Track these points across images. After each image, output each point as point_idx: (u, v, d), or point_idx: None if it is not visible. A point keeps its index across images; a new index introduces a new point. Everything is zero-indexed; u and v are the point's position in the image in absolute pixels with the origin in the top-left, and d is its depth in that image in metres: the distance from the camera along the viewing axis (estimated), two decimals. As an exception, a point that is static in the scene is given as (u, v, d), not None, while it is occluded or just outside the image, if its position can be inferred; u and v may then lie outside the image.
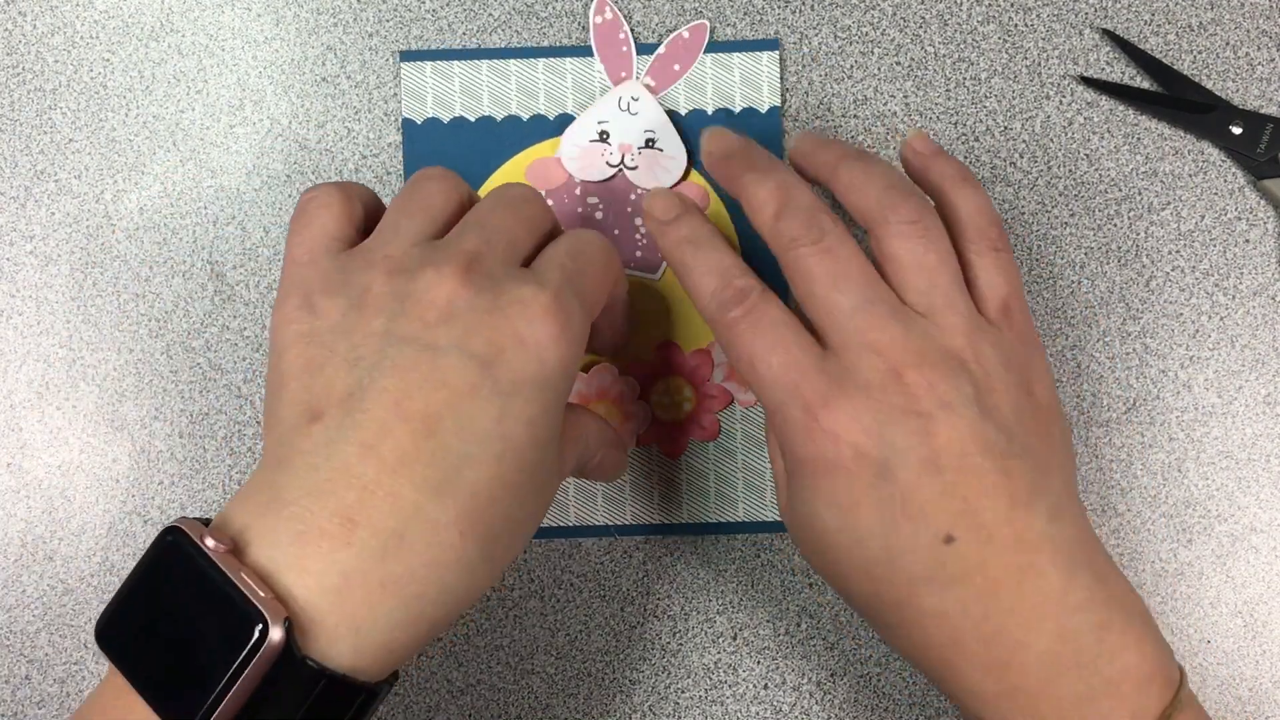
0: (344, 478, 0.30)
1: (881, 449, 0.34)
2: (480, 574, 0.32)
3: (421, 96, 0.46)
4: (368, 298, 0.33)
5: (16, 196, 0.46)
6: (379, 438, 0.31)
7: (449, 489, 0.31)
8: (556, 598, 0.45)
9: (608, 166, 0.45)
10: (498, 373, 0.32)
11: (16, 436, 0.46)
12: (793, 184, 0.37)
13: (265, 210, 0.46)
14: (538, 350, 0.33)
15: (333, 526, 0.30)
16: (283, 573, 0.29)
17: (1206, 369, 0.45)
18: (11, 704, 0.45)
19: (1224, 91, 0.46)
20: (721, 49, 0.46)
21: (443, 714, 0.45)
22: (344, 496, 0.30)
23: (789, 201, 0.37)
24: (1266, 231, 0.46)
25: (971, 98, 0.46)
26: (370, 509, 0.30)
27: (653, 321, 0.45)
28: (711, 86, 0.46)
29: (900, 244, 0.36)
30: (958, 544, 0.33)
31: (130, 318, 0.46)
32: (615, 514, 0.45)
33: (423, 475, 0.31)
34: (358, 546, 0.30)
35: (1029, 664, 0.33)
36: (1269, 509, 0.45)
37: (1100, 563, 0.35)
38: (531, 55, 0.46)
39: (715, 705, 0.45)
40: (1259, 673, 0.45)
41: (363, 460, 0.31)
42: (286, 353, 0.33)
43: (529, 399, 0.32)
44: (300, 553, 0.30)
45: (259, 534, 0.30)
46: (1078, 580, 0.34)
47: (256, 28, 0.47)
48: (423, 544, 0.30)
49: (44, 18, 0.47)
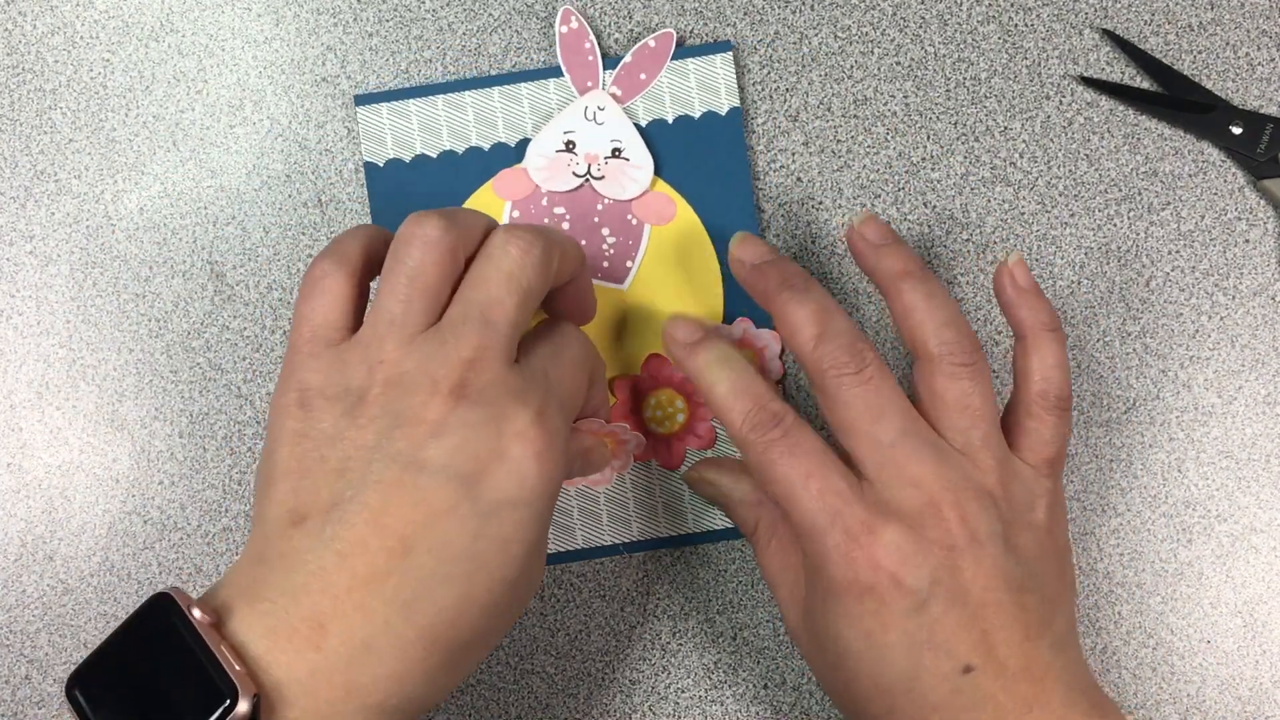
0: (319, 584, 0.32)
1: (918, 580, 0.35)
2: (441, 684, 0.33)
3: (380, 138, 0.46)
4: (362, 408, 0.34)
5: (16, 196, 0.46)
6: (355, 550, 0.32)
7: (418, 607, 0.32)
8: (556, 598, 0.45)
9: (574, 177, 0.45)
10: (479, 492, 0.33)
11: (16, 436, 0.46)
12: (831, 308, 0.38)
13: (265, 210, 0.46)
14: (520, 469, 0.33)
15: (305, 629, 0.31)
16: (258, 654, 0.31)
17: (1206, 369, 0.45)
18: (11, 704, 0.45)
19: (1224, 91, 0.46)
20: (676, 56, 0.45)
21: (443, 714, 0.45)
22: (318, 602, 0.32)
23: (829, 326, 0.38)
24: (1266, 231, 0.46)
25: (971, 98, 0.46)
26: (341, 618, 0.31)
27: (634, 334, 0.45)
28: (669, 95, 0.45)
29: (950, 384, 0.37)
30: (975, 674, 0.35)
31: (130, 318, 0.46)
32: (622, 531, 0.45)
33: (394, 591, 0.32)
34: (327, 652, 0.31)
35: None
36: (1269, 509, 0.45)
37: (1094, 690, 0.37)
38: (486, 85, 0.46)
39: (715, 705, 0.45)
40: (1259, 673, 0.45)
41: (338, 570, 0.32)
42: (279, 449, 0.34)
43: (506, 519, 0.33)
44: (272, 645, 0.31)
45: (239, 618, 0.32)
46: (1076, 708, 0.36)
47: (256, 28, 0.47)
48: (389, 657, 0.32)
49: (44, 18, 0.47)
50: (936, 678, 0.35)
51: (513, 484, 0.33)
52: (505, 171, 0.45)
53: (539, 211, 0.45)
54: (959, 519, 0.36)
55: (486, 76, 0.46)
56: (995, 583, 0.35)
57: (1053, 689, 0.35)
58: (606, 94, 0.45)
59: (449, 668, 0.33)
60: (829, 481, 0.36)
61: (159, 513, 0.46)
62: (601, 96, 0.45)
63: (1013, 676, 0.35)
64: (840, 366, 0.37)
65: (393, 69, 0.47)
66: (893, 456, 0.36)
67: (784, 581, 0.40)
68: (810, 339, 0.38)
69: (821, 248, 0.46)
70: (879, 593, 0.35)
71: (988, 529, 0.36)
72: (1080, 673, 0.37)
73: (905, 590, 0.35)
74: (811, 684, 0.45)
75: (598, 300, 0.42)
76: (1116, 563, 0.45)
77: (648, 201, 0.45)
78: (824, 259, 0.46)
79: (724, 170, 0.45)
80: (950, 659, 0.35)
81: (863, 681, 0.36)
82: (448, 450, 0.33)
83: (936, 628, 0.35)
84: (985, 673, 0.35)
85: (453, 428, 0.33)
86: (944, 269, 0.46)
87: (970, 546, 0.35)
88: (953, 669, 0.35)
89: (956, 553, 0.35)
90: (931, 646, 0.35)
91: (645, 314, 0.45)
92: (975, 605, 0.35)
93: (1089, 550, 0.45)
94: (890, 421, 0.37)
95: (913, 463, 0.36)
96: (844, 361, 0.37)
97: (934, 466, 0.36)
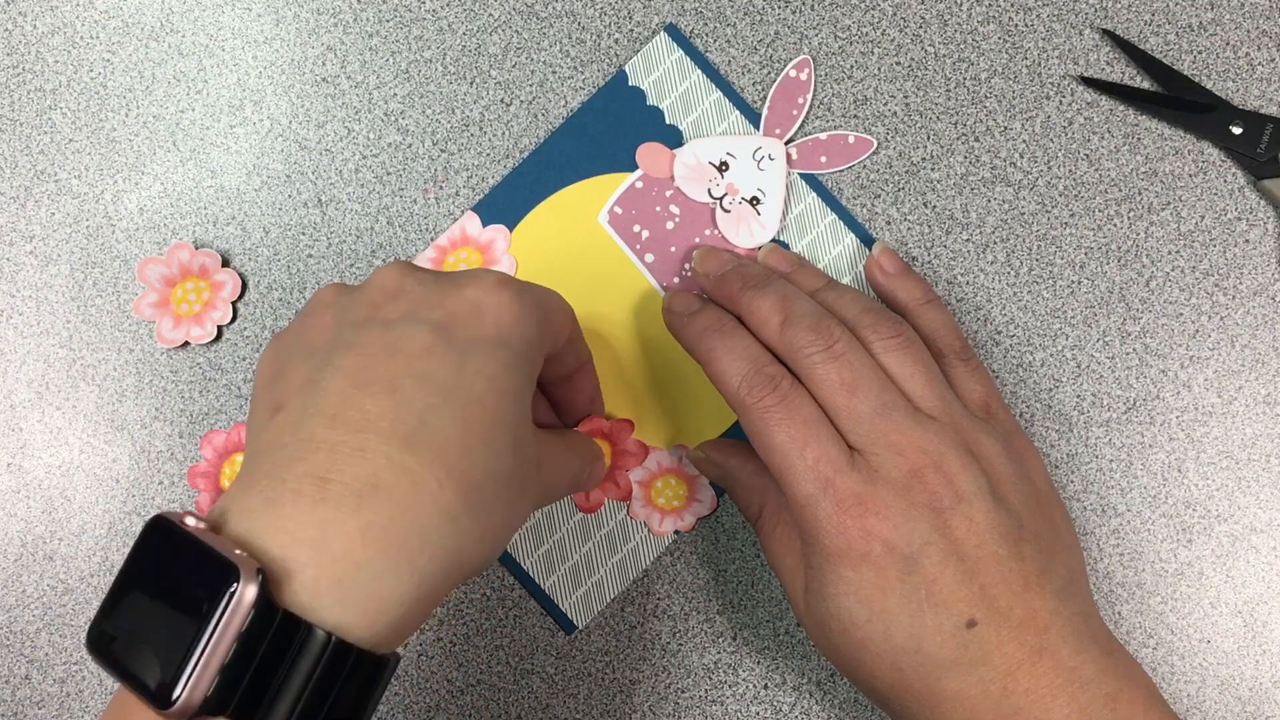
0: (310, 446, 0.30)
1: (909, 543, 0.36)
2: (467, 529, 0.31)
3: (650, 68, 0.46)
4: (317, 306, 0.35)
5: (16, 196, 0.46)
6: (341, 407, 0.31)
7: (418, 438, 0.30)
8: (556, 598, 0.45)
9: (708, 194, 0.45)
10: (452, 332, 0.33)
11: (16, 436, 0.46)
12: (792, 294, 0.40)
13: (265, 210, 0.46)
14: (494, 316, 0.33)
15: (305, 486, 0.29)
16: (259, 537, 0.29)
17: (1206, 369, 0.45)
18: (11, 704, 0.45)
19: (1224, 91, 0.46)
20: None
21: (443, 714, 0.45)
22: (312, 460, 0.30)
23: (792, 311, 0.39)
24: (1266, 231, 0.46)
25: (971, 98, 0.46)
26: (340, 465, 0.30)
27: (649, 327, 0.45)
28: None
29: (889, 359, 0.39)
30: (979, 628, 0.35)
31: (130, 318, 0.46)
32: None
33: (389, 429, 0.30)
34: (331, 500, 0.29)
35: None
36: (1269, 509, 0.45)
37: (1105, 638, 0.37)
38: (749, 115, 0.46)
39: (715, 705, 0.45)
40: (1259, 673, 0.45)
41: (328, 429, 0.30)
42: (257, 380, 0.35)
43: (487, 354, 0.33)
44: (275, 514, 0.29)
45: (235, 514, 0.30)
46: (1087, 655, 0.36)
47: (256, 28, 0.47)
48: (399, 490, 0.30)
49: (44, 18, 0.47)
50: (941, 635, 0.35)
51: (488, 327, 0.33)
52: (654, 145, 0.46)
53: (658, 196, 0.46)
54: (944, 480, 0.36)
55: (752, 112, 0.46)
56: (989, 537, 0.36)
57: (1060, 636, 0.36)
58: (785, 148, 0.46)
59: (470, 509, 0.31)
60: (824, 449, 0.37)
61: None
62: (779, 148, 0.45)
63: (1017, 626, 0.35)
64: (808, 345, 0.38)
65: (393, 69, 0.47)
66: (873, 427, 0.37)
67: (787, 565, 0.40)
68: (776, 327, 0.39)
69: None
70: (874, 559, 0.36)
71: (974, 486, 0.37)
72: (1090, 619, 0.37)
73: (898, 554, 0.36)
74: (811, 684, 0.45)
75: (644, 303, 0.44)
76: (1116, 563, 0.45)
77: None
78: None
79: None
80: (952, 615, 0.35)
81: (870, 650, 0.36)
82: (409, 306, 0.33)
83: (934, 586, 0.35)
84: (989, 625, 0.35)
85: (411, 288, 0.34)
86: (944, 269, 0.46)
87: (959, 505, 0.36)
88: (956, 625, 0.35)
89: (946, 513, 0.36)
90: (932, 605, 0.35)
91: (666, 344, 0.45)
92: (971, 560, 0.36)
93: (1089, 550, 0.45)
94: (866, 393, 0.38)
95: (894, 432, 0.37)
96: (810, 340, 0.38)
97: (915, 433, 0.37)
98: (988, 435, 0.38)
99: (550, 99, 0.46)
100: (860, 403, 0.37)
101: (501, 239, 0.46)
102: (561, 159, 0.46)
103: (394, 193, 0.46)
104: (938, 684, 0.36)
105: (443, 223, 0.46)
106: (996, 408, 0.41)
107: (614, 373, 0.45)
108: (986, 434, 0.38)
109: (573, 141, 0.46)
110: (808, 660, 0.45)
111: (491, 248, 0.45)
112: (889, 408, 0.37)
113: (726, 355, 0.39)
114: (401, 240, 0.46)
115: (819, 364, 0.38)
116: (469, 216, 0.46)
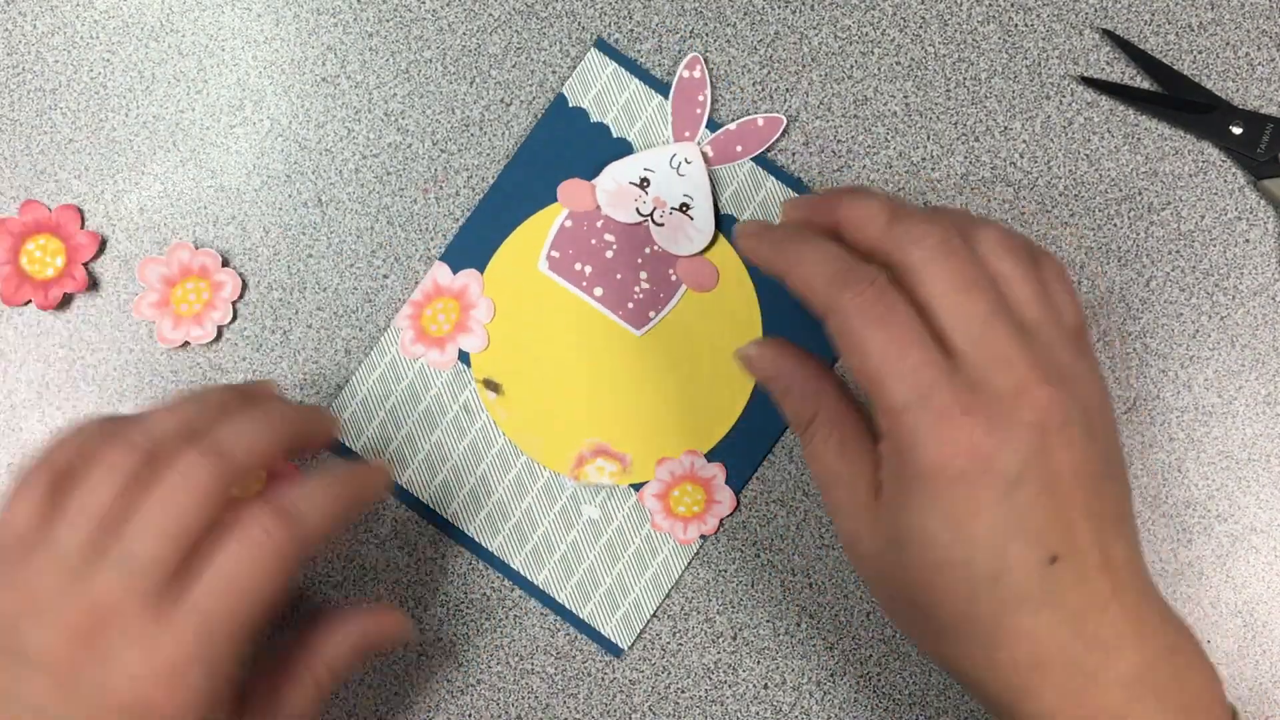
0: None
1: (1012, 463, 0.33)
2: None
3: (588, 86, 0.46)
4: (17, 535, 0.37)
5: (16, 196, 0.46)
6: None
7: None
8: (556, 598, 0.45)
9: (637, 213, 0.45)
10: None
11: (16, 436, 0.46)
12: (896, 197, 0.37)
13: (265, 210, 0.46)
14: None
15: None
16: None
17: (1206, 369, 0.45)
18: (11, 704, 0.45)
19: (1224, 91, 0.46)
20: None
21: (443, 714, 0.45)
22: None
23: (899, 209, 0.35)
24: (1266, 231, 0.46)
25: (971, 98, 0.46)
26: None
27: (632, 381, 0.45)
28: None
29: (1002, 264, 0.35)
30: (1059, 564, 0.33)
31: (130, 318, 0.46)
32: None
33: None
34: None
35: (1110, 686, 0.33)
36: (1269, 509, 0.45)
37: (1154, 589, 0.36)
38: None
39: (715, 705, 0.45)
40: (1259, 673, 0.45)
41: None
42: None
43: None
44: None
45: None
46: (1149, 604, 0.34)
47: (256, 28, 0.47)
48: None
49: (44, 18, 0.47)
50: (1024, 568, 0.33)
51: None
52: (571, 181, 0.46)
53: (590, 231, 0.45)
54: (1049, 402, 0.33)
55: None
56: (1083, 469, 0.34)
57: (1128, 585, 0.34)
58: (699, 149, 0.45)
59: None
60: (928, 353, 0.33)
61: (159, 513, 0.46)
62: (693, 150, 0.45)
63: (1093, 569, 0.33)
64: (925, 236, 0.34)
65: (393, 69, 0.47)
66: (986, 331, 0.34)
67: (842, 480, 0.36)
68: (883, 223, 0.35)
69: (821, 248, 0.46)
70: (970, 477, 0.33)
71: (1074, 412, 0.34)
72: (1147, 572, 0.35)
73: (997, 474, 0.33)
74: (811, 684, 0.45)
75: (607, 335, 0.42)
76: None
77: (694, 265, 0.45)
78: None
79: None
80: (1038, 548, 0.33)
81: (946, 574, 0.34)
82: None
83: (1028, 515, 0.33)
84: (1067, 564, 0.33)
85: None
86: (944, 269, 0.46)
87: (1062, 429, 0.33)
88: (1039, 559, 0.33)
89: (1049, 434, 0.33)
90: (1021, 534, 0.33)
91: (645, 366, 0.45)
92: (1065, 492, 0.33)
93: (1089, 550, 0.45)
94: (982, 294, 0.34)
95: (1003, 340, 0.34)
96: (926, 231, 0.34)
97: (1023, 347, 0.34)
98: (1082, 360, 0.35)
99: (550, 100, 0.46)
100: (975, 303, 0.34)
101: (475, 284, 0.45)
102: (518, 192, 0.46)
103: (394, 193, 0.46)
104: (1009, 618, 0.33)
105: (442, 223, 0.46)
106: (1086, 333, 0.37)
107: (598, 406, 0.45)
108: (1080, 358, 0.35)
109: (524, 173, 0.46)
110: (808, 660, 0.45)
111: (466, 293, 0.45)
112: (1000, 313, 0.34)
113: (812, 255, 0.35)
114: (402, 240, 0.46)
115: (932, 259, 0.34)
116: (438, 266, 0.46)
